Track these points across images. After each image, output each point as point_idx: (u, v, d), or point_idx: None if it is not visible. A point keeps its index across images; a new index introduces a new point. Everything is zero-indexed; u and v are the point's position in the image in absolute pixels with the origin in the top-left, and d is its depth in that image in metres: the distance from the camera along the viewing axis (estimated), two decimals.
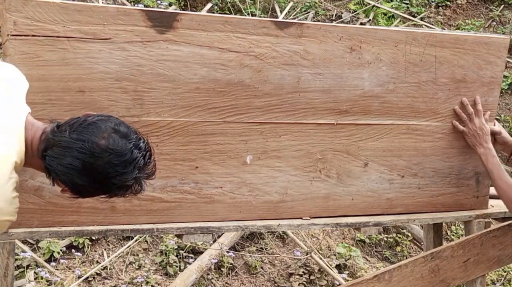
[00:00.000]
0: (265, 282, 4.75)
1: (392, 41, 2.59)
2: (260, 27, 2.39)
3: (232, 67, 2.37)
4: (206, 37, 2.31)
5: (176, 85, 2.30)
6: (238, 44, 2.36)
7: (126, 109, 2.25)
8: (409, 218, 2.82)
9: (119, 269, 4.48)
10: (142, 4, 6.19)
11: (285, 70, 2.45)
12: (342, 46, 2.52)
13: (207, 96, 2.35)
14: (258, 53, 2.40)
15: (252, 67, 2.40)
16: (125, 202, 2.30)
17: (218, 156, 2.41)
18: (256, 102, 2.43)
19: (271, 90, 2.44)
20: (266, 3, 6.84)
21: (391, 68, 2.61)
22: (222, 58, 2.35)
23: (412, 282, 2.79)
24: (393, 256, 5.23)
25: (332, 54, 2.51)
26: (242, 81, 2.39)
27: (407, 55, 2.62)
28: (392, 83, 2.63)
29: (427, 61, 2.66)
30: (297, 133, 2.53)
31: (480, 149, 2.73)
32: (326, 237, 5.18)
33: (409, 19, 7.10)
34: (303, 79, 2.48)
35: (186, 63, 2.30)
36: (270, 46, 2.41)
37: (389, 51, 2.59)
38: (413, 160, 2.75)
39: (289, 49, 2.44)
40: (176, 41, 2.27)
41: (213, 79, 2.34)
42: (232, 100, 2.39)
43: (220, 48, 2.34)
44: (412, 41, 2.63)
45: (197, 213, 2.43)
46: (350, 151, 2.63)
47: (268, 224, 2.53)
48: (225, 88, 2.37)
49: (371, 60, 2.57)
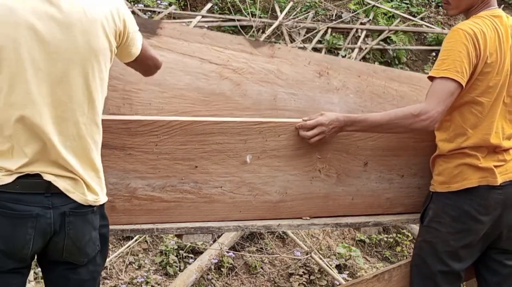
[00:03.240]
0: (265, 282, 4.75)
1: (356, 71, 2.66)
2: (236, 43, 2.47)
3: (213, 77, 2.46)
4: (188, 46, 2.41)
5: (163, 89, 2.36)
6: (217, 56, 2.46)
7: (117, 108, 2.27)
8: (409, 218, 2.83)
9: (119, 269, 4.48)
10: (142, 4, 6.20)
11: (262, 87, 2.54)
12: (312, 71, 2.61)
13: (191, 103, 2.43)
14: (236, 67, 2.49)
15: (231, 80, 2.50)
16: (125, 202, 2.30)
17: (218, 155, 2.41)
18: (238, 115, 2.48)
19: (251, 104, 2.53)
20: (266, 3, 6.84)
21: (358, 97, 2.70)
22: (203, 68, 2.45)
23: None
24: (393, 256, 5.23)
25: (304, 77, 2.60)
26: (223, 93, 2.50)
27: (371, 85, 2.72)
28: (361, 111, 2.68)
29: (389, 93, 2.73)
30: (296, 132, 2.53)
31: (340, 130, 2.54)
32: (326, 237, 5.18)
33: (409, 19, 7.10)
34: (279, 97, 2.58)
35: (171, 69, 2.37)
36: (247, 62, 2.51)
37: (354, 80, 2.69)
38: (413, 159, 2.76)
39: (264, 67, 2.57)
40: (160, 47, 2.36)
41: (196, 87, 2.43)
42: (216, 111, 2.44)
43: (200, 58, 2.45)
44: (373, 73, 2.69)
45: (197, 213, 2.43)
46: (350, 150, 2.63)
47: (268, 224, 2.53)
48: (209, 97, 2.44)
49: (339, 86, 2.66)
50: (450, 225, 2.56)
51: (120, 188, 2.29)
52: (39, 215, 1.92)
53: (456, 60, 2.42)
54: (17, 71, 1.87)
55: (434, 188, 2.63)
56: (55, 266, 2.06)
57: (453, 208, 2.55)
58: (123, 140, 2.26)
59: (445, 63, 2.44)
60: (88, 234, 2.04)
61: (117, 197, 2.29)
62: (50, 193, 1.94)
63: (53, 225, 1.95)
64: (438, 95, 2.44)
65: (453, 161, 2.56)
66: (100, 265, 2.14)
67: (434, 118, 2.45)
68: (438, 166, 2.62)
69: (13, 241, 1.92)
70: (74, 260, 2.04)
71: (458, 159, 2.55)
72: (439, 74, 2.44)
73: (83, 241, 2.03)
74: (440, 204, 2.59)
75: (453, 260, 2.58)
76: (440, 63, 2.46)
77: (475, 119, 2.52)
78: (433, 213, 2.60)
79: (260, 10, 6.59)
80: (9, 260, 1.94)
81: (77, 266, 2.05)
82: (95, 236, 2.07)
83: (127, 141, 2.27)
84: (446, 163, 2.59)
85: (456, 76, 2.41)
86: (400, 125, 2.50)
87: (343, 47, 6.60)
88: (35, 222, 1.92)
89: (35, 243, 1.94)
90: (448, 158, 2.58)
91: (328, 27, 6.73)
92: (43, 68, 1.89)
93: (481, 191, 2.53)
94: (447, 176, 2.57)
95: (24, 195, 1.91)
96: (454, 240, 2.56)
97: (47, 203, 1.93)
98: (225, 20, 6.56)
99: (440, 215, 2.58)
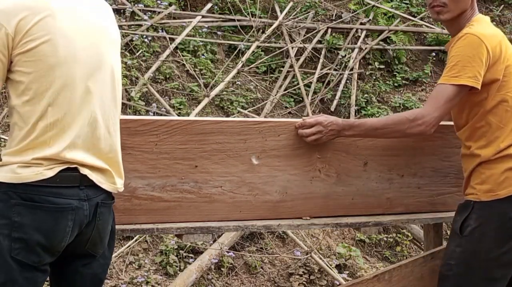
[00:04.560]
0: (265, 282, 4.75)
1: None
2: None
3: None
4: None
5: None
6: None
7: None
8: (409, 218, 2.82)
9: (119, 269, 4.47)
10: (142, 4, 6.19)
11: None
12: None
13: None
14: None
15: None
16: (125, 202, 2.30)
17: (218, 155, 2.41)
18: None
19: None
20: (266, 3, 6.83)
21: None
22: None
23: (412, 282, 2.79)
24: (393, 256, 5.23)
25: None
26: None
27: None
28: None
29: None
30: (295, 132, 2.53)
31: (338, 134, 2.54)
32: (326, 237, 5.18)
33: (409, 19, 7.09)
34: None
35: None
36: None
37: None
38: (413, 159, 2.75)
39: None
40: None
41: None
42: None
43: None
44: None
45: (197, 213, 2.42)
46: (350, 150, 2.63)
47: (268, 223, 2.53)
48: None
49: None
50: (495, 233, 2.46)
51: None
52: (77, 207, 1.97)
53: (466, 66, 2.41)
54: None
55: (478, 197, 2.50)
56: (71, 262, 2.08)
57: (499, 215, 2.47)
58: (122, 140, 2.25)
59: (454, 70, 2.43)
60: (110, 225, 2.12)
61: (117, 197, 2.28)
62: (84, 185, 1.99)
63: (88, 216, 2.01)
64: (438, 100, 2.44)
65: (497, 167, 2.48)
66: (109, 259, 2.18)
67: (429, 124, 2.44)
68: (480, 174, 2.51)
69: (55, 234, 1.95)
70: (94, 251, 2.09)
71: (503, 163, 2.47)
72: (449, 81, 2.44)
73: (106, 232, 2.10)
74: (484, 213, 2.49)
75: (498, 269, 2.50)
76: (450, 69, 2.45)
77: (510, 116, 2.49)
78: (477, 222, 2.49)
79: (260, 10, 6.59)
80: (46, 254, 1.96)
81: (91, 261, 2.09)
82: (112, 227, 2.14)
83: (126, 141, 2.27)
84: (489, 169, 2.49)
85: (467, 81, 2.41)
86: (396, 130, 2.50)
87: (343, 47, 6.59)
88: (74, 215, 1.97)
89: (71, 235, 1.99)
90: (491, 164, 2.49)
91: (328, 27, 6.72)
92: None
93: None
94: (493, 183, 2.47)
95: (63, 188, 1.95)
96: (499, 248, 2.47)
97: (83, 195, 1.99)
98: (225, 20, 6.55)
99: (485, 224, 2.48)
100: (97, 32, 2.04)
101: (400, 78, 6.67)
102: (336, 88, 6.32)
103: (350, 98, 6.26)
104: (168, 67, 5.80)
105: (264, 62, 6.31)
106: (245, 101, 5.87)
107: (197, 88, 5.75)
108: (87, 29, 2.00)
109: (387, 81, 6.64)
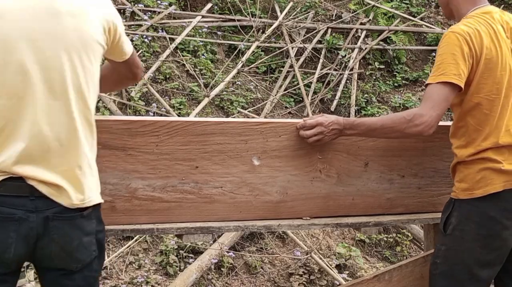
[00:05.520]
0: (265, 282, 4.75)
1: None
2: None
3: None
4: None
5: None
6: None
7: None
8: (409, 218, 2.82)
9: (119, 269, 4.47)
10: (142, 4, 6.19)
11: None
12: None
13: None
14: None
15: None
16: (125, 202, 2.30)
17: (218, 155, 2.41)
18: None
19: None
20: (266, 3, 6.84)
21: None
22: None
23: (412, 282, 2.79)
24: (393, 256, 5.23)
25: None
26: None
27: None
28: None
29: None
30: (297, 133, 2.53)
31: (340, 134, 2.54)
32: (326, 237, 5.18)
33: (409, 19, 7.10)
34: None
35: None
36: None
37: None
38: (413, 159, 2.75)
39: None
40: None
41: None
42: None
43: None
44: None
45: (197, 213, 2.42)
46: (350, 150, 2.63)
47: (268, 224, 2.53)
48: None
49: None
50: (476, 232, 2.47)
51: (121, 188, 2.29)
52: (21, 218, 1.87)
53: (451, 63, 2.41)
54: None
55: (457, 195, 2.53)
56: (48, 272, 2.00)
57: (478, 214, 2.47)
58: (123, 140, 2.26)
59: (440, 68, 2.43)
60: (77, 239, 1.96)
61: (118, 197, 2.29)
62: (34, 196, 1.88)
63: (36, 229, 1.89)
64: (433, 99, 2.42)
65: (474, 166, 2.49)
66: (96, 271, 2.07)
67: (428, 124, 2.42)
68: (459, 173, 2.54)
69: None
70: (65, 266, 1.97)
71: (480, 164, 2.48)
72: (435, 80, 2.42)
73: (72, 246, 1.96)
74: (463, 211, 2.50)
75: (480, 268, 2.49)
76: (436, 69, 2.45)
77: (488, 119, 2.48)
78: (457, 220, 2.51)
79: (260, 10, 6.59)
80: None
81: (72, 272, 1.99)
82: (87, 241, 1.99)
83: (127, 142, 2.27)
84: (467, 168, 2.51)
85: (453, 79, 2.40)
86: (395, 130, 2.49)
87: (343, 47, 6.60)
88: (18, 225, 1.86)
89: (17, 248, 1.88)
90: (468, 164, 2.50)
91: (328, 27, 6.73)
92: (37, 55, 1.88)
93: (506, 195, 2.45)
94: (470, 182, 2.49)
95: (8, 197, 1.86)
96: (481, 247, 2.47)
97: (31, 206, 1.88)
98: (225, 20, 6.56)
99: (464, 222, 2.49)
100: (48, 37, 1.89)
101: (400, 78, 6.68)
102: (336, 88, 6.33)
103: (350, 98, 6.27)
104: (168, 67, 5.80)
105: (264, 62, 6.32)
106: (245, 101, 5.88)
107: (197, 88, 5.75)
108: (32, 34, 1.87)
109: (387, 81, 6.64)
